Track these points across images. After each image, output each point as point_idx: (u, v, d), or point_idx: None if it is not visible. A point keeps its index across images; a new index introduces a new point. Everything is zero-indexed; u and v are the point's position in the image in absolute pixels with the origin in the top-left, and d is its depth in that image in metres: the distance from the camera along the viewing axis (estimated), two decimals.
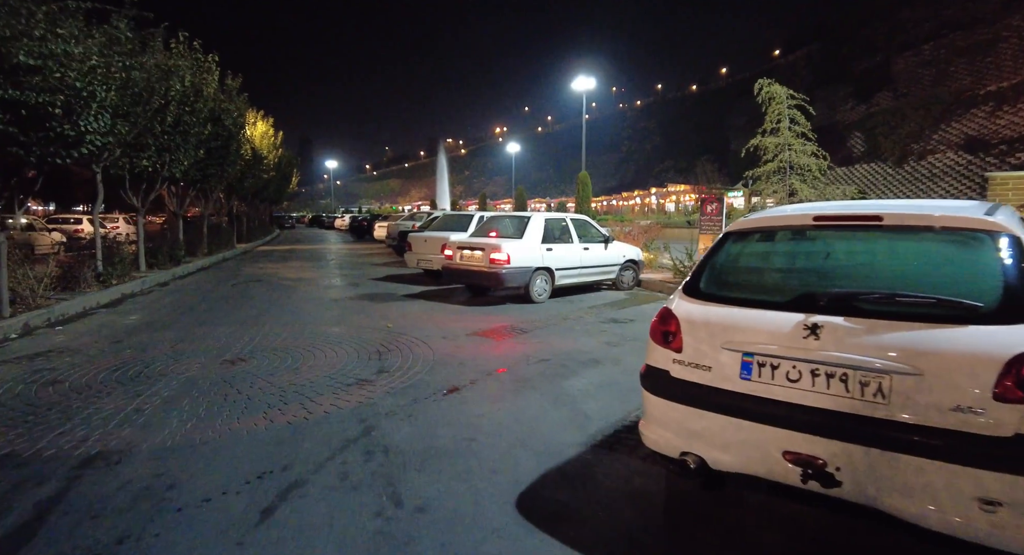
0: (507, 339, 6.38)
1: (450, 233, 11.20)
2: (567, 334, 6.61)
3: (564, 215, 9.77)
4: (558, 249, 9.09)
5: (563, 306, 8.66)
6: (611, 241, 10.00)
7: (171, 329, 6.91)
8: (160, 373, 4.97)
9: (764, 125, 9.60)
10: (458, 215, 13.21)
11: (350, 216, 47.82)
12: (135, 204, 12.72)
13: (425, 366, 5.22)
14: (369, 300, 9.28)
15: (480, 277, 8.70)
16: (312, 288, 10.93)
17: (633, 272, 10.52)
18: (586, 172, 17.39)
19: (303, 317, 7.74)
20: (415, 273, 12.90)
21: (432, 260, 11.17)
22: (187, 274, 13.56)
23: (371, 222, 32.67)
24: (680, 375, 2.56)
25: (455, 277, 9.35)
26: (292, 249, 23.90)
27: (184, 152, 12.87)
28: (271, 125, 24.94)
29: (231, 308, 8.52)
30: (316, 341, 6.24)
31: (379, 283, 11.63)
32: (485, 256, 8.60)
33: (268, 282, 11.88)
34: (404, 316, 7.81)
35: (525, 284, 8.63)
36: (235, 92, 16.86)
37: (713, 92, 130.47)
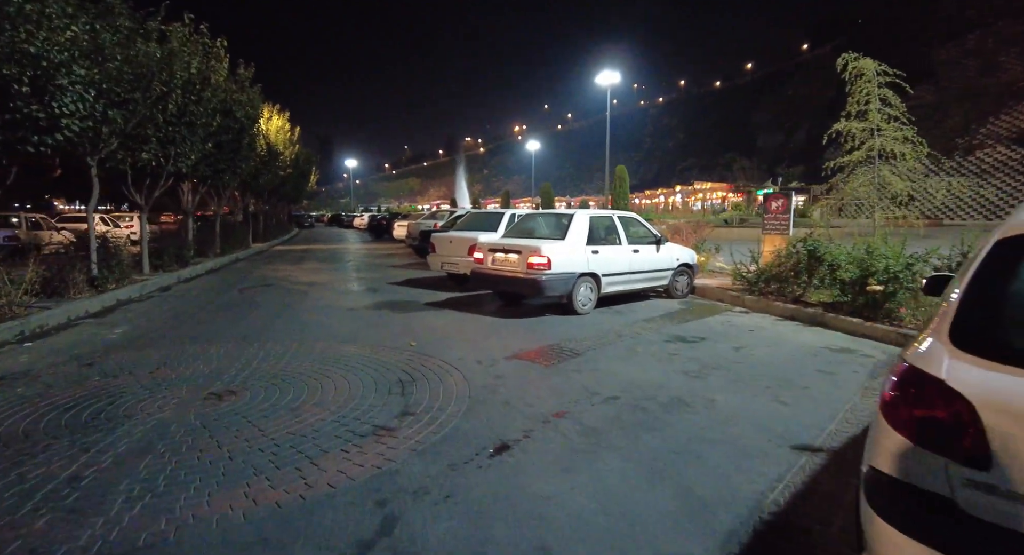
0: (556, 364, 5.19)
1: (478, 233, 10.05)
2: (630, 358, 5.39)
3: (611, 212, 8.54)
4: (605, 252, 7.86)
5: (612, 318, 7.44)
6: (664, 242, 8.75)
7: (158, 346, 5.86)
8: (126, 413, 3.89)
9: (848, 107, 8.24)
10: (486, 213, 12.05)
11: (369, 215, 47.11)
12: (138, 201, 11.81)
13: (460, 405, 4.06)
14: (388, 309, 8.17)
15: (515, 284, 7.52)
16: (326, 294, 9.86)
17: (688, 277, 9.25)
18: (623, 166, 16.11)
19: (313, 331, 6.65)
20: (437, 276, 11.79)
21: (458, 263, 10.03)
22: (194, 277, 12.63)
23: (390, 221, 31.78)
24: (983, 513, 1.35)
25: (485, 283, 8.18)
26: (308, 249, 23.02)
27: (191, 145, 11.93)
28: (287, 119, 24.10)
29: (232, 319, 7.47)
30: (325, 365, 5.13)
31: (399, 288, 10.53)
32: (522, 260, 7.42)
33: (279, 286, 10.86)
34: (429, 331, 6.67)
35: (568, 292, 7.42)
36: (247, 82, 15.92)
37: (737, 88, 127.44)
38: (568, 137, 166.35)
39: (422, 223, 17.51)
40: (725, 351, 5.67)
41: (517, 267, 7.49)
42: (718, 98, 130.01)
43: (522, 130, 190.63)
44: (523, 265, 7.40)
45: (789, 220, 9.23)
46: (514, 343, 6.03)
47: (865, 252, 6.71)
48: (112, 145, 9.39)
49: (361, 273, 13.37)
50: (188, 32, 11.51)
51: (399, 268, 14.47)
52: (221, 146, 14.73)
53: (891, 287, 6.18)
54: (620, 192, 15.67)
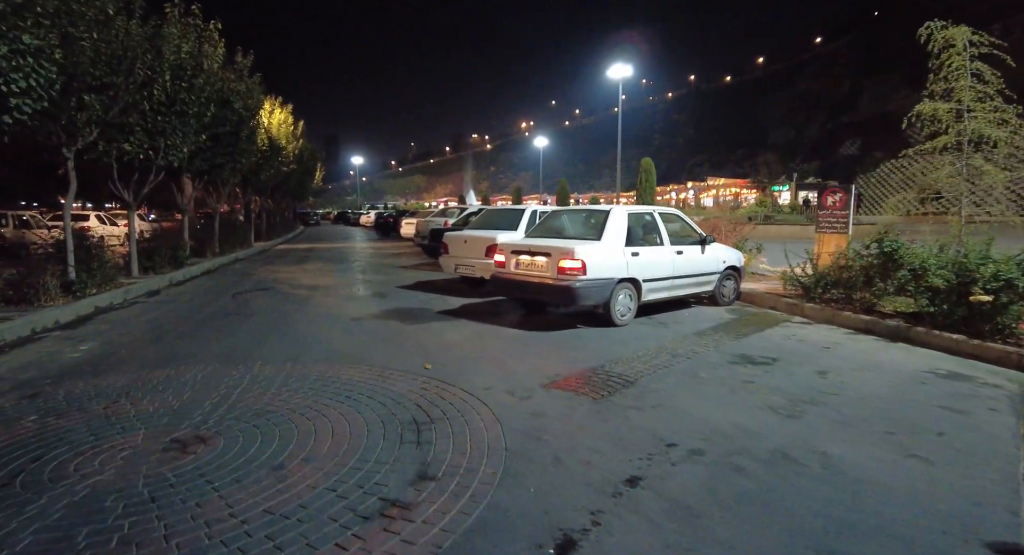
0: (608, 397, 4.19)
1: (496, 232, 9.06)
2: (696, 388, 4.38)
3: (651, 208, 7.51)
4: (645, 254, 6.84)
5: (657, 332, 6.43)
6: (709, 241, 7.72)
7: (124, 369, 4.91)
8: (53, 477, 2.93)
9: (930, 85, 7.15)
10: (504, 210, 11.03)
11: (375, 213, 46.22)
12: (125, 198, 10.89)
13: (495, 462, 3.07)
14: (398, 319, 7.19)
15: (544, 292, 6.51)
16: (328, 300, 8.90)
17: (735, 282, 8.22)
18: (649, 159, 15.05)
19: (311, 348, 5.68)
20: (448, 278, 10.81)
21: (474, 266, 9.04)
22: (187, 279, 11.72)
23: (397, 219, 30.88)
24: None
25: (507, 290, 7.18)
26: (313, 248, 22.12)
27: (183, 137, 11.00)
28: (290, 113, 23.14)
29: (219, 332, 6.52)
30: (323, 396, 4.16)
31: (409, 293, 9.55)
32: (551, 264, 6.41)
33: (277, 291, 9.91)
34: (445, 348, 5.68)
35: (604, 301, 6.41)
36: (246, 71, 14.98)
37: (748, 83, 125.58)
38: (576, 133, 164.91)
39: (432, 221, 16.54)
40: (808, 377, 4.64)
41: (546, 272, 6.49)
42: (728, 93, 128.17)
43: (529, 127, 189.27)
44: (553, 270, 6.39)
45: (848, 218, 8.17)
46: (548, 365, 5.03)
47: (963, 255, 5.66)
48: (90, 135, 8.47)
49: (367, 275, 12.42)
50: (178, 12, 10.55)
51: (408, 269, 13.50)
52: (218, 139, 13.83)
53: (1004, 297, 5.12)
54: (646, 187, 14.60)
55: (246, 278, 11.95)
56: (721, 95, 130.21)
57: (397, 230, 29.60)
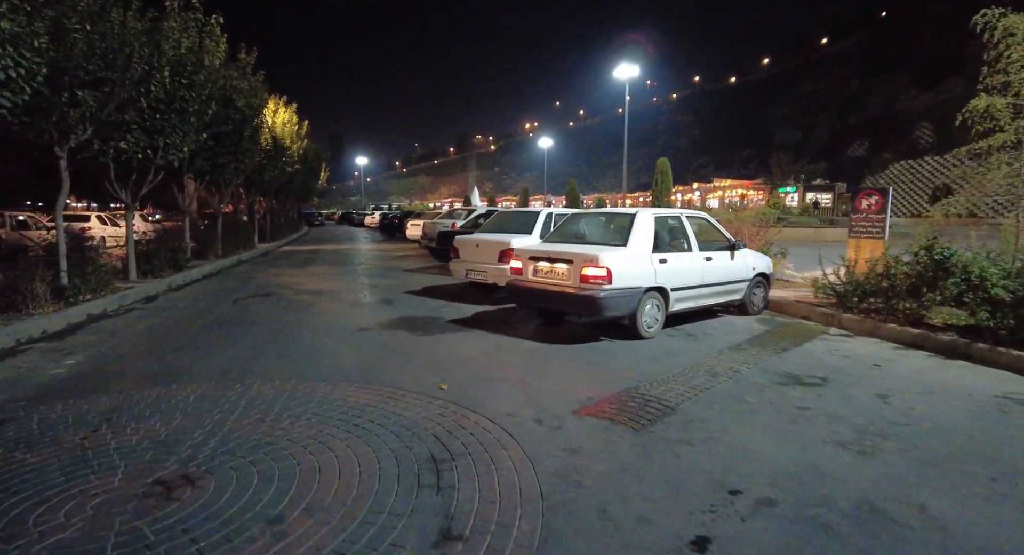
0: (649, 427, 3.72)
1: (510, 236, 8.60)
2: (748, 417, 3.90)
3: (678, 211, 7.02)
4: (673, 261, 6.37)
5: (687, 345, 5.95)
6: (739, 247, 7.23)
7: (109, 389, 4.46)
8: (6, 537, 2.47)
9: (984, 78, 6.62)
10: (517, 213, 10.56)
11: (380, 213, 45.87)
12: (123, 199, 10.47)
13: (530, 516, 2.60)
14: (407, 330, 6.73)
15: (565, 302, 6.04)
16: (334, 307, 8.45)
17: (764, 290, 7.73)
18: (665, 159, 14.54)
19: (314, 364, 5.23)
20: (458, 283, 10.36)
21: (486, 271, 8.58)
22: (188, 283, 11.29)
23: (402, 220, 30.47)
24: None
25: (524, 298, 6.70)
26: (318, 250, 21.71)
27: (183, 136, 10.57)
28: (295, 112, 22.74)
29: (217, 344, 6.07)
30: (327, 424, 3.70)
31: (417, 299, 9.09)
32: (574, 271, 5.94)
33: (280, 296, 9.47)
34: (461, 364, 5.22)
35: (631, 312, 5.93)
36: (249, 69, 14.56)
37: (753, 84, 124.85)
38: (580, 134, 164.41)
39: (439, 223, 16.10)
40: (869, 403, 4.16)
41: (567, 280, 6.02)
42: (733, 94, 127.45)
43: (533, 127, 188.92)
44: (575, 278, 5.92)
45: (885, 221, 7.68)
46: (575, 385, 4.56)
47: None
48: (84, 133, 8.04)
49: (374, 279, 11.97)
50: (178, 6, 10.13)
51: (415, 273, 13.05)
52: (220, 138, 13.41)
53: None
54: (662, 188, 14.10)
55: (248, 282, 11.52)
56: (726, 96, 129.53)
57: (402, 231, 29.21)
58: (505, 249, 8.30)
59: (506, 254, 8.29)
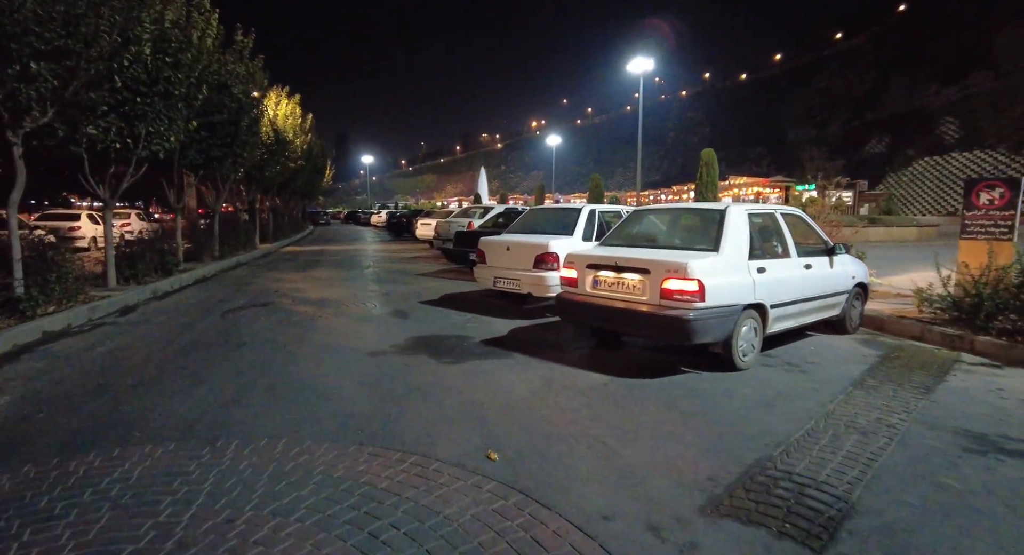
0: (835, 548, 2.37)
1: (548, 238, 7.26)
2: (975, 522, 2.54)
3: (772, 207, 5.64)
4: (772, 270, 5.00)
5: (797, 380, 4.59)
6: (838, 251, 5.86)
7: (19, 458, 3.14)
8: None
9: None
10: (554, 210, 9.17)
11: (387, 212, 44.69)
12: (100, 195, 9.20)
13: None
14: (430, 355, 5.40)
15: (640, 323, 4.68)
16: (338, 322, 7.14)
17: (862, 302, 6.37)
18: (711, 150, 13.12)
19: (313, 411, 3.90)
20: (478, 290, 9.04)
21: (519, 279, 7.24)
22: (175, 290, 10.01)
23: (410, 219, 29.23)
24: None
25: (579, 315, 5.34)
26: (322, 250, 20.44)
27: (168, 123, 9.29)
28: (298, 104, 21.42)
29: (191, 377, 4.76)
30: (332, 529, 2.38)
31: (436, 311, 7.77)
32: (651, 284, 4.59)
33: (277, 307, 8.17)
34: (508, 411, 3.88)
35: (726, 336, 4.58)
36: (247, 52, 13.27)
37: (765, 81, 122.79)
38: (587, 132, 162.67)
39: (454, 222, 14.76)
40: None
41: (641, 295, 4.66)
42: (744, 91, 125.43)
43: (540, 125, 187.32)
44: (653, 292, 4.57)
45: (1014, 219, 6.27)
46: (682, 454, 3.22)
47: None
48: (44, 115, 6.76)
49: (384, 285, 10.65)
50: None
51: (429, 277, 11.73)
52: (214, 129, 12.16)
53: None
54: (707, 181, 12.68)
55: (244, 289, 10.23)
56: (737, 92, 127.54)
57: (410, 231, 27.98)
58: (543, 253, 6.97)
59: (544, 259, 6.96)
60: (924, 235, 28.80)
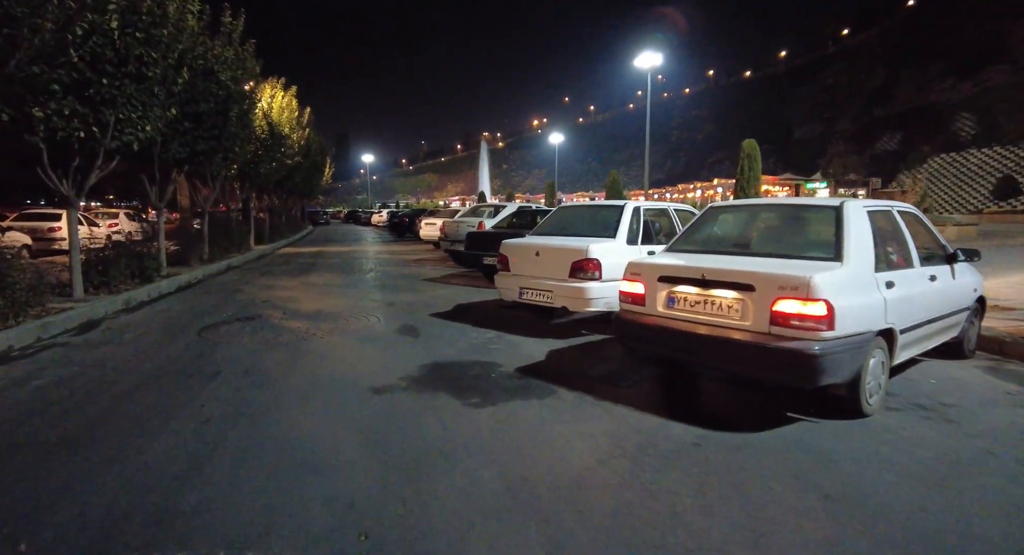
0: None
1: (586, 241, 6.09)
2: None
3: (887, 203, 4.45)
4: (900, 283, 3.82)
5: (943, 432, 3.42)
6: (959, 258, 4.68)
7: None
8: None
9: None
10: (589, 207, 7.93)
11: (388, 212, 43.55)
12: (64, 191, 8.02)
13: None
14: (452, 392, 4.23)
15: (741, 357, 3.47)
16: (335, 342, 5.97)
17: (980, 320, 5.19)
18: (753, 141, 11.88)
19: (294, 492, 2.73)
20: (496, 298, 7.86)
21: (552, 291, 6.06)
22: (152, 300, 8.85)
23: (412, 219, 28.09)
24: None
25: (653, 343, 4.11)
26: (321, 252, 19.27)
27: (143, 110, 8.14)
28: (295, 96, 20.22)
29: (137, 428, 3.58)
30: None
31: (451, 327, 6.59)
32: (755, 306, 3.41)
33: (265, 322, 7.00)
34: (576, 500, 2.70)
35: (855, 373, 3.40)
36: (236, 36, 12.10)
37: (770, 78, 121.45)
38: (590, 130, 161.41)
39: (463, 222, 13.58)
40: None
41: (741, 319, 3.49)
42: (749, 88, 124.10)
43: (541, 124, 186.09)
44: (759, 316, 3.39)
45: None
46: None
47: None
48: None
49: (388, 293, 9.48)
50: None
51: (438, 283, 10.57)
52: (200, 119, 10.99)
53: None
54: (750, 176, 11.46)
55: (230, 298, 9.06)
56: (741, 90, 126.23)
57: (413, 231, 26.88)
58: (581, 259, 5.80)
59: (583, 266, 5.79)
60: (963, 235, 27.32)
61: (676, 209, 6.91)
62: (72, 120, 7.17)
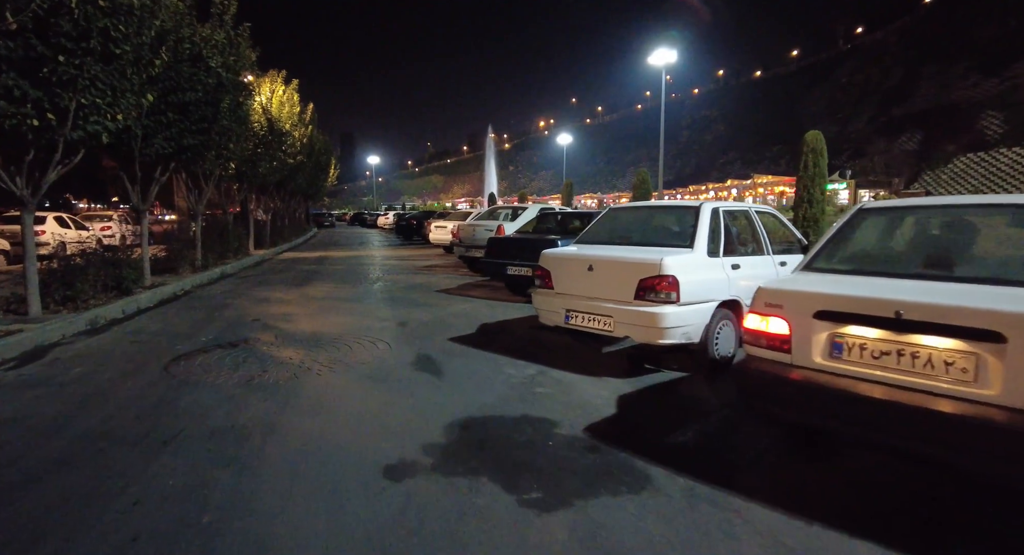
0: None
1: (657, 252, 4.76)
2: None
3: None
4: None
5: None
6: None
7: None
8: None
9: None
10: (653, 208, 6.46)
11: (394, 214, 42.37)
12: (16, 191, 6.80)
13: None
14: (496, 474, 2.91)
15: (977, 445, 2.16)
16: (335, 383, 4.68)
17: None
18: (818, 132, 10.49)
19: None
20: (526, 314, 6.56)
21: (612, 316, 4.73)
22: (124, 317, 7.61)
23: (420, 221, 26.87)
24: None
25: (815, 411, 2.75)
26: (324, 257, 18.05)
27: (112, 95, 6.90)
28: (296, 89, 18.97)
29: (26, 550, 2.29)
30: None
31: (480, 358, 5.29)
32: (1003, 365, 2.08)
33: (251, 351, 5.72)
34: None
35: None
36: (230, 18, 10.87)
37: (782, 77, 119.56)
38: (598, 131, 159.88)
39: (478, 225, 12.27)
40: None
41: (972, 385, 2.15)
42: (760, 88, 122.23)
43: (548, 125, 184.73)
44: (1011, 382, 2.06)
45: None
46: None
47: None
48: None
49: (398, 308, 8.20)
50: None
51: (455, 295, 9.27)
52: (186, 110, 9.76)
53: None
54: (815, 174, 10.04)
55: (217, 314, 7.81)
56: (753, 89, 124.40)
57: (421, 234, 25.67)
58: (653, 277, 4.47)
59: (654, 285, 4.47)
60: None
61: (757, 211, 5.58)
62: (24, 105, 5.95)
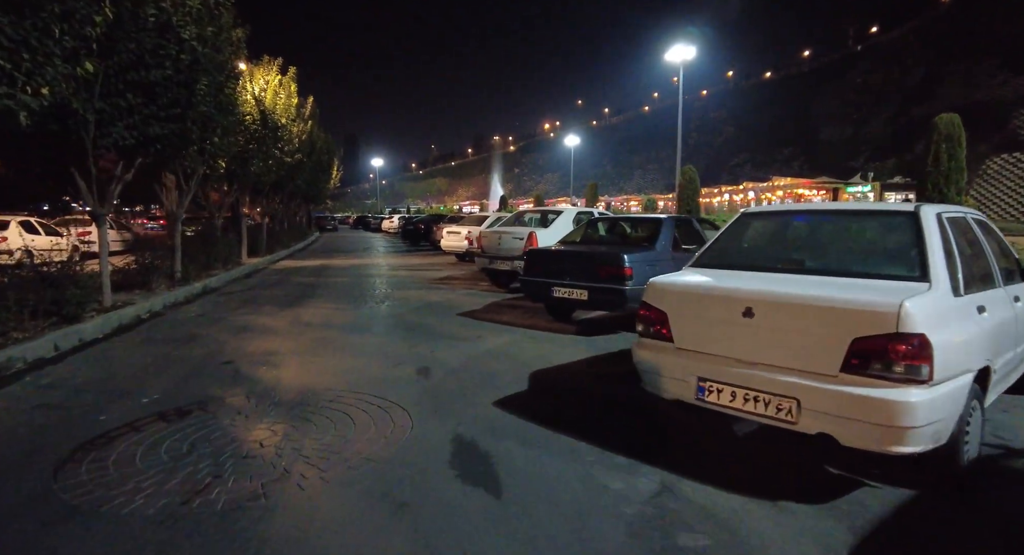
0: None
1: (883, 290, 2.81)
2: None
3: None
4: None
5: None
6: None
7: None
8: None
9: None
10: (818, 213, 4.49)
11: (400, 217, 40.53)
12: None
13: None
14: None
15: None
16: (321, 509, 2.75)
17: None
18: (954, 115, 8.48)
19: None
20: (576, 349, 4.66)
21: (799, 399, 2.79)
22: (52, 357, 5.71)
23: (428, 225, 25.05)
24: None
25: None
26: (324, 267, 16.18)
27: (33, 60, 5.06)
28: (293, 79, 17.09)
29: None
30: None
31: (554, 451, 3.36)
32: None
33: (200, 432, 3.80)
34: None
35: None
36: None
37: (793, 78, 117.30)
38: (604, 133, 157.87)
39: (505, 232, 10.32)
40: None
41: None
42: (771, 89, 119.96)
43: (554, 127, 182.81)
44: None
45: None
46: None
47: None
48: None
49: (415, 342, 6.27)
50: None
51: (484, 322, 7.36)
52: (152, 92, 7.90)
53: None
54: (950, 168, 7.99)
55: (176, 354, 5.90)
56: (763, 91, 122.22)
57: (429, 239, 23.88)
58: (882, 336, 2.55)
59: (887, 349, 2.54)
60: None
61: (975, 219, 3.67)
62: None
